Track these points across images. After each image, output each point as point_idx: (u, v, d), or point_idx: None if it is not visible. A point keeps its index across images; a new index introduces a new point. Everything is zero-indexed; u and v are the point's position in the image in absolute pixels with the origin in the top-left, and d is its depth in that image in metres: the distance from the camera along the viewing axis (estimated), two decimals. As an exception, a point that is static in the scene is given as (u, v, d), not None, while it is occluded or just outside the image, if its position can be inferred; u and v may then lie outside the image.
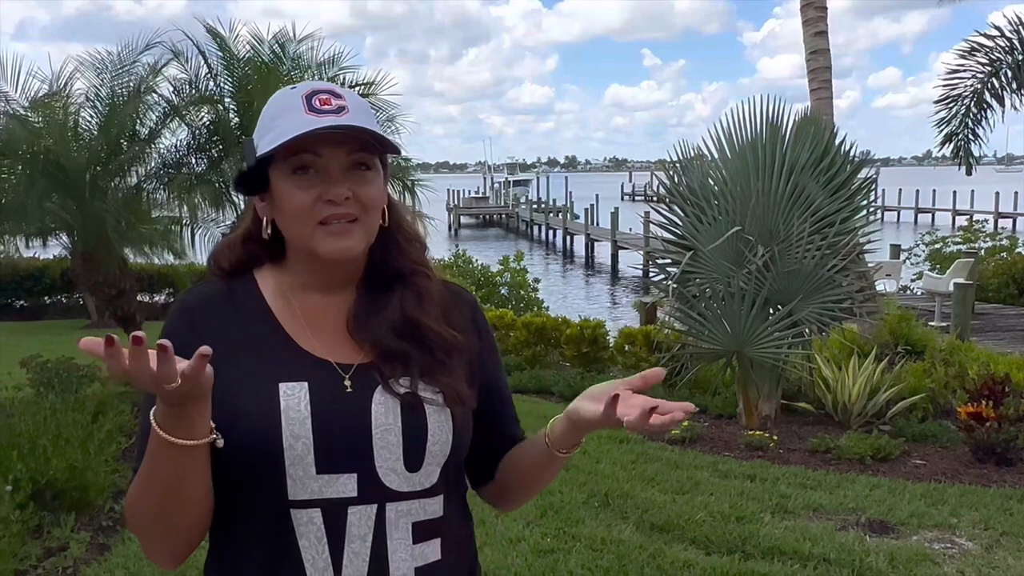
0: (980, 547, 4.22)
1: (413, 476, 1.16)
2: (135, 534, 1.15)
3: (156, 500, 1.08)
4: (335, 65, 8.36)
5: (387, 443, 1.14)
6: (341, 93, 1.17)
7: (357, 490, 1.13)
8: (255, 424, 1.10)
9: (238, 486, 1.13)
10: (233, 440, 1.09)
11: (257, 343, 1.18)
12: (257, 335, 1.19)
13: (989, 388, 5.93)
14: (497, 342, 1.43)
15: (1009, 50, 11.87)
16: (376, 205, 1.18)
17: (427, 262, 1.29)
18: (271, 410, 1.11)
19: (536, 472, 1.28)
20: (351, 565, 1.12)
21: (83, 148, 7.66)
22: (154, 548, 1.15)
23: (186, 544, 1.14)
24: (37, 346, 8.11)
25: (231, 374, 1.12)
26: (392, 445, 1.14)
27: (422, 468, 1.16)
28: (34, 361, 6.95)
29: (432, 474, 1.18)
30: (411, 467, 1.16)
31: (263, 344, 1.18)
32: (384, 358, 1.19)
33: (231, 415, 1.10)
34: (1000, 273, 15.43)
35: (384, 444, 1.14)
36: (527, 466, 1.29)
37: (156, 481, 1.06)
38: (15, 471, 4.15)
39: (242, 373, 1.14)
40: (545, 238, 46.13)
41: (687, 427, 6.35)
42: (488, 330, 1.36)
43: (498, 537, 4.17)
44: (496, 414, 1.32)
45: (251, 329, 1.19)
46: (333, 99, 1.14)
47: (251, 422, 1.10)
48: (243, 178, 1.20)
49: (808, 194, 6.41)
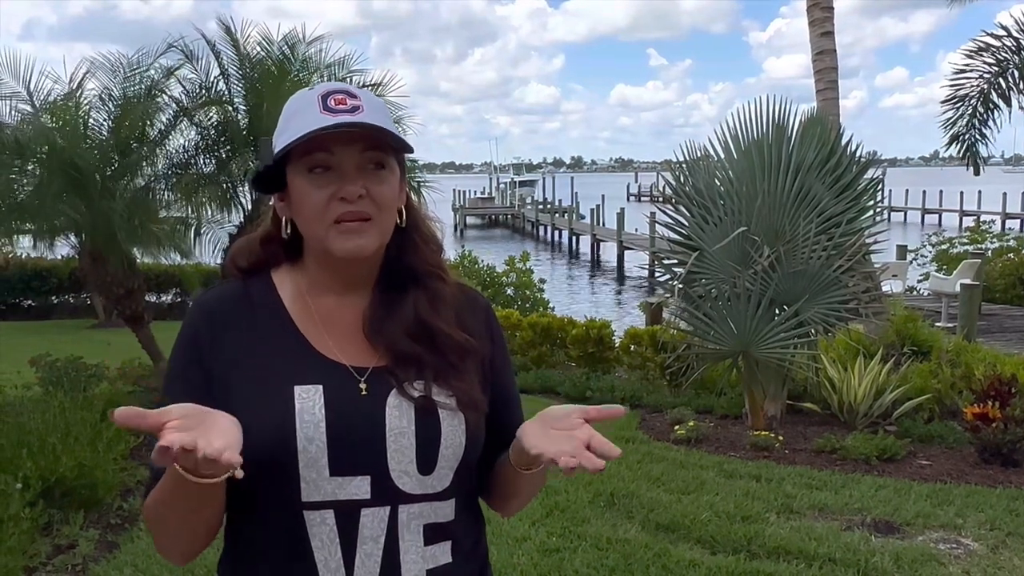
0: (986, 548, 4.22)
1: (426, 479, 1.17)
2: (152, 532, 1.18)
3: (174, 520, 1.11)
4: (344, 67, 8.37)
5: (400, 446, 1.15)
6: (356, 93, 1.18)
7: (370, 492, 1.14)
8: (270, 426, 1.11)
9: (252, 487, 1.13)
10: (248, 442, 1.10)
11: (273, 345, 1.19)
12: (273, 336, 1.20)
13: (995, 389, 5.92)
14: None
15: (1016, 50, 11.83)
16: (390, 204, 1.19)
17: (443, 264, 1.29)
18: (286, 413, 1.12)
19: (507, 483, 1.26)
20: (363, 566, 1.13)
21: (94, 148, 7.70)
22: (170, 548, 1.18)
23: (200, 545, 1.17)
24: (46, 345, 8.15)
25: (247, 375, 1.15)
26: (405, 448, 1.15)
27: (435, 471, 1.17)
28: (43, 360, 7.00)
29: (445, 477, 1.19)
30: (424, 470, 1.17)
31: (279, 346, 1.19)
32: (398, 362, 1.20)
33: (246, 417, 1.10)
34: (1007, 274, 15.38)
35: (398, 447, 1.15)
36: (501, 476, 1.27)
37: (174, 507, 1.09)
38: (25, 469, 4.17)
39: (258, 375, 1.15)
40: (551, 238, 46.12)
41: (693, 427, 6.36)
42: (502, 336, 1.36)
43: (504, 536, 4.18)
44: (503, 423, 1.27)
45: (267, 330, 1.20)
46: (348, 99, 1.15)
47: (266, 424, 1.11)
48: (261, 177, 1.22)
49: (814, 194, 6.41)
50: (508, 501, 1.33)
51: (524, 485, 1.25)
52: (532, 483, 1.24)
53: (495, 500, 1.35)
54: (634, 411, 7.35)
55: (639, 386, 8.09)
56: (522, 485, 1.25)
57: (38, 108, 7.68)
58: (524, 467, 1.16)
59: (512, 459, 1.18)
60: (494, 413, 1.27)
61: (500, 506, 1.36)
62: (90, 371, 6.94)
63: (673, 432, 6.43)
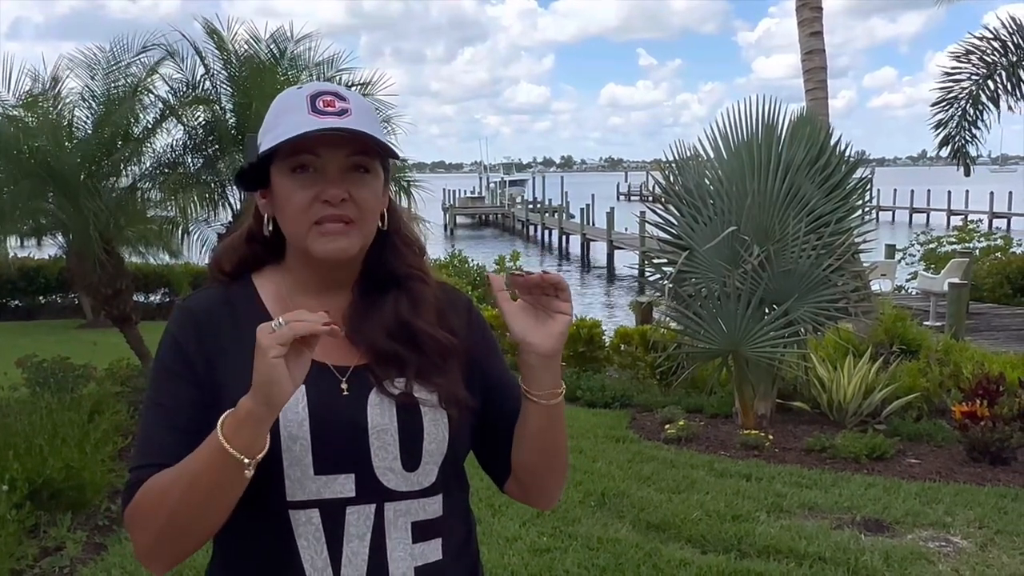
0: (975, 545, 4.24)
1: (411, 475, 1.17)
2: (138, 533, 1.13)
3: (193, 504, 1.07)
4: (332, 66, 8.34)
5: (383, 443, 1.15)
6: (346, 96, 1.18)
7: (355, 490, 1.14)
8: None
9: None
10: None
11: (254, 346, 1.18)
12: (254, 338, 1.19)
13: (983, 387, 5.96)
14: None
15: (1003, 52, 11.91)
16: (372, 208, 1.19)
17: (424, 266, 1.29)
18: None
19: (537, 436, 1.24)
20: (350, 565, 1.13)
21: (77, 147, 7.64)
22: (158, 551, 1.12)
23: (189, 551, 1.13)
24: (33, 346, 8.10)
25: (230, 378, 1.14)
26: (389, 445, 1.16)
27: (420, 467, 1.17)
28: (30, 361, 6.95)
29: (430, 473, 1.19)
30: (409, 466, 1.17)
31: None
32: (379, 360, 1.20)
33: None
34: (994, 273, 15.47)
35: (381, 444, 1.15)
36: (526, 435, 1.24)
37: (199, 488, 1.06)
38: (11, 471, 4.14)
39: (241, 376, 1.13)
40: (541, 238, 46.10)
41: (683, 426, 6.37)
42: (487, 328, 1.36)
43: (495, 536, 4.18)
44: (505, 406, 1.29)
45: (249, 332, 1.17)
46: (337, 101, 1.15)
47: None
48: (244, 174, 1.22)
49: (804, 194, 6.43)
50: (541, 469, 1.28)
51: (553, 429, 1.23)
52: (555, 425, 1.23)
53: (527, 478, 1.29)
54: (624, 410, 7.36)
55: (629, 385, 8.09)
56: (552, 429, 1.23)
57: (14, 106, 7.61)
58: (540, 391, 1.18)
59: (527, 389, 1.20)
60: (492, 401, 1.28)
61: (532, 487, 1.31)
62: (77, 372, 6.89)
63: (663, 431, 6.44)
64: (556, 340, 1.17)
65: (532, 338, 1.17)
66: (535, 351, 1.17)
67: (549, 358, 1.18)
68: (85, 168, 7.56)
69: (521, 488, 1.32)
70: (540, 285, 1.15)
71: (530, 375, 1.19)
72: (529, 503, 1.36)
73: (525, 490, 1.32)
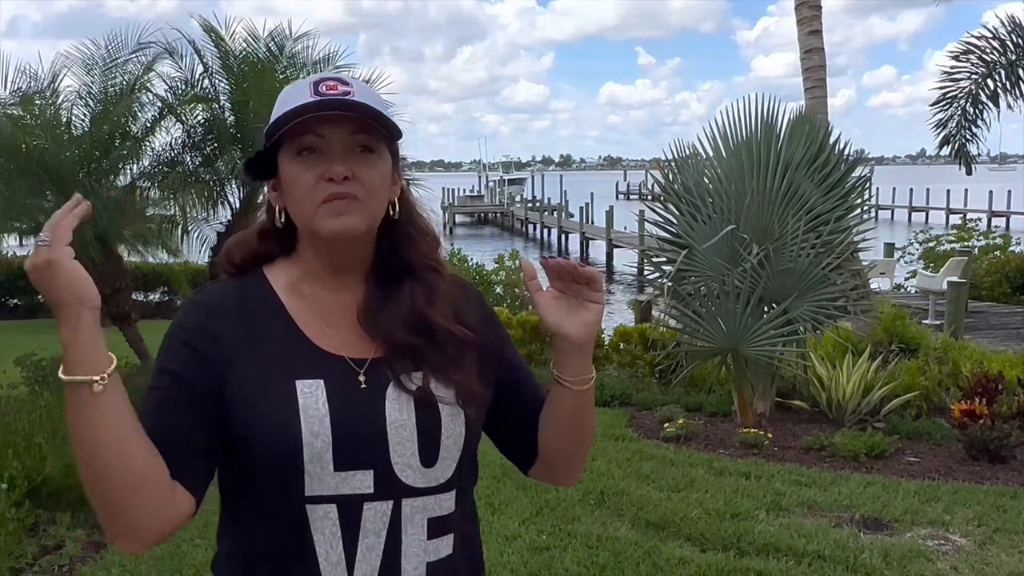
0: (973, 544, 4.25)
1: (429, 472, 1.17)
2: (95, 510, 1.09)
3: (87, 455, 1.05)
4: (331, 64, 8.35)
5: (402, 439, 1.15)
6: (348, 81, 1.19)
7: (373, 486, 1.14)
8: (275, 422, 1.11)
9: (253, 481, 1.14)
10: (252, 438, 1.11)
11: (271, 339, 1.18)
12: (271, 331, 1.19)
13: (982, 386, 5.96)
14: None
15: (1002, 51, 11.91)
16: (378, 187, 1.18)
17: (438, 257, 1.29)
18: (290, 408, 1.11)
19: (569, 419, 1.26)
20: (365, 560, 1.13)
21: (75, 145, 7.63)
22: (110, 523, 1.09)
23: (139, 517, 1.07)
24: (32, 345, 8.08)
25: (246, 371, 1.14)
26: (407, 441, 1.15)
27: (437, 463, 1.18)
28: (29, 360, 6.94)
29: (448, 468, 1.19)
30: (427, 462, 1.17)
31: (277, 340, 1.18)
32: (395, 353, 1.19)
33: (250, 413, 1.11)
34: (993, 271, 15.48)
35: (399, 440, 1.15)
36: (558, 419, 1.26)
37: (79, 436, 1.05)
38: (11, 469, 4.14)
39: (257, 370, 1.14)
40: (540, 237, 46.09)
41: (682, 425, 6.37)
42: (498, 320, 1.37)
43: (494, 534, 4.18)
44: (524, 395, 1.32)
45: (264, 325, 1.19)
46: (340, 85, 1.16)
47: (270, 420, 1.11)
48: (252, 163, 1.22)
49: (803, 193, 6.43)
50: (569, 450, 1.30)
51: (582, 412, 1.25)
52: (584, 410, 1.25)
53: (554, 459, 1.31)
54: (623, 409, 7.35)
55: (628, 384, 8.09)
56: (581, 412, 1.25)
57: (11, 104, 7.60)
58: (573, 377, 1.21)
59: (558, 374, 1.22)
60: (512, 394, 1.29)
61: (560, 467, 1.33)
62: (77, 370, 6.88)
63: (662, 430, 6.44)
64: (590, 329, 1.19)
65: (566, 328, 1.18)
66: (570, 340, 1.19)
67: (583, 347, 1.20)
68: (83, 166, 7.56)
69: (549, 470, 1.34)
70: (573, 275, 1.16)
71: (563, 362, 1.21)
72: (555, 482, 1.39)
73: (553, 471, 1.34)
